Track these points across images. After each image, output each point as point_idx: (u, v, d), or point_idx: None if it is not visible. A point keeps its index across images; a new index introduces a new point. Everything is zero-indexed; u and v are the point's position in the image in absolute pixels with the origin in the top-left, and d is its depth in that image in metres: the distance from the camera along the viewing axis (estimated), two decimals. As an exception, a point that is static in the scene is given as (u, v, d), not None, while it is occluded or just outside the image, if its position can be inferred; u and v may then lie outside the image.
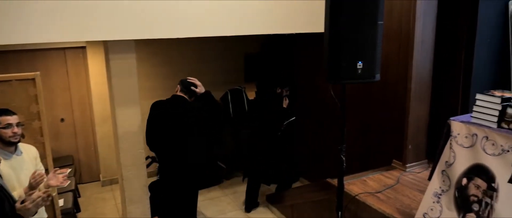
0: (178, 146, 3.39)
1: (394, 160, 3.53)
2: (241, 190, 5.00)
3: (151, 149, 3.58)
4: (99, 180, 5.50)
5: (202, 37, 3.39)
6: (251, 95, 5.53)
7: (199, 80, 3.47)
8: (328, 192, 3.26)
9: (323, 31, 2.29)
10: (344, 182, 2.67)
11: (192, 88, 3.39)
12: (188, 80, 3.44)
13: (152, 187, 3.97)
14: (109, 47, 3.27)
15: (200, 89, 3.42)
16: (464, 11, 3.26)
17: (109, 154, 5.21)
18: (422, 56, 3.25)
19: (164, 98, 3.49)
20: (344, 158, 2.50)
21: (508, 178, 1.98)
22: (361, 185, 3.18)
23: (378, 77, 2.32)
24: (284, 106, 4.58)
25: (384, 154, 3.67)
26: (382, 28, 2.24)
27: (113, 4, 2.96)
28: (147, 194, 3.74)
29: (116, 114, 3.40)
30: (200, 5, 3.28)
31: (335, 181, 3.05)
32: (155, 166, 5.14)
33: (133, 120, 3.46)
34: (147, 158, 4.30)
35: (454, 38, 3.36)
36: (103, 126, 5.23)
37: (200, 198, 4.43)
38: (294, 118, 4.75)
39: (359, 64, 2.22)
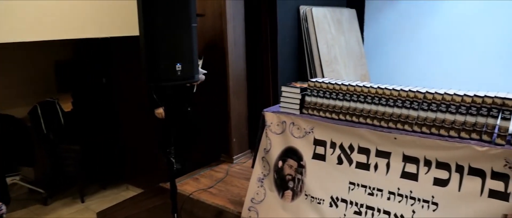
0: None
1: (222, 154, 3.74)
2: (67, 213, 4.46)
3: None
4: None
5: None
6: (67, 106, 4.95)
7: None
8: (163, 197, 3.21)
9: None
10: (177, 184, 2.69)
11: None
12: None
13: None
14: None
15: None
16: (265, 13, 3.68)
17: None
18: (236, 55, 3.53)
19: None
20: (173, 160, 2.50)
21: (311, 155, 2.35)
22: (194, 184, 3.25)
23: (197, 77, 2.41)
24: None
25: (213, 149, 3.84)
26: (196, 30, 2.33)
27: None
28: None
29: None
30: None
31: (168, 185, 3.03)
32: None
33: None
34: None
35: (260, 38, 3.75)
36: None
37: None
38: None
39: (178, 66, 2.25)
